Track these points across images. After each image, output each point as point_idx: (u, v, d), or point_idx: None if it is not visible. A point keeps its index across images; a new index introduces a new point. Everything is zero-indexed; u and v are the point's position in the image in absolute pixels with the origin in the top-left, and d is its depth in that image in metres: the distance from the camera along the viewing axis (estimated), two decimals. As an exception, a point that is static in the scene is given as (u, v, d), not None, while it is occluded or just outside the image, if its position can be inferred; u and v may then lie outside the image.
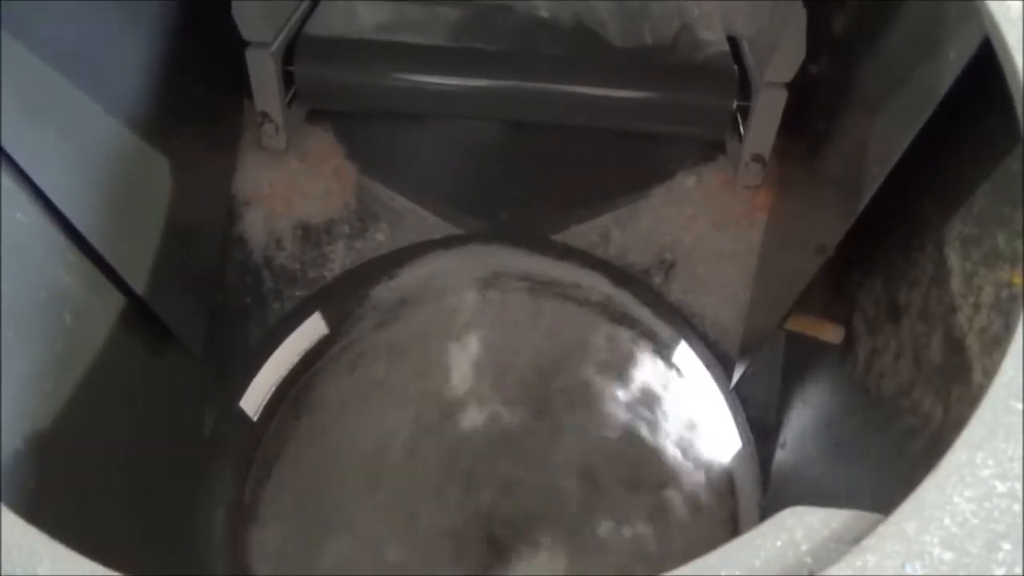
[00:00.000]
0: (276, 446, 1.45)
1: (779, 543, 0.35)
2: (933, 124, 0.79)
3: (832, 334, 1.04)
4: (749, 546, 0.36)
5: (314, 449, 1.45)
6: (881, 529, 0.35)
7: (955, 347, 0.78)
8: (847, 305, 1.04)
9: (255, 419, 1.42)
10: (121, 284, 1.01)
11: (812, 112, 1.14)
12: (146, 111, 1.05)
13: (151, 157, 1.07)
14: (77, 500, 0.91)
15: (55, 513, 0.87)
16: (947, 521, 0.36)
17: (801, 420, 1.20)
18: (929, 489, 0.37)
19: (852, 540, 0.35)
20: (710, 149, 1.39)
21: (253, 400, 1.41)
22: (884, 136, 0.86)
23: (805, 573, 0.34)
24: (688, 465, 1.41)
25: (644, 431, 1.42)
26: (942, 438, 0.78)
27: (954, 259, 0.80)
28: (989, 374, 0.72)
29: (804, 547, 0.35)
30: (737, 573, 0.34)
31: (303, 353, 1.48)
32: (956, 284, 0.79)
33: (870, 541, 0.34)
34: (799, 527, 0.36)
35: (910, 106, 0.80)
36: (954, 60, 0.71)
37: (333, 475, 1.42)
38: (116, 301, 1.02)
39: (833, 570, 0.33)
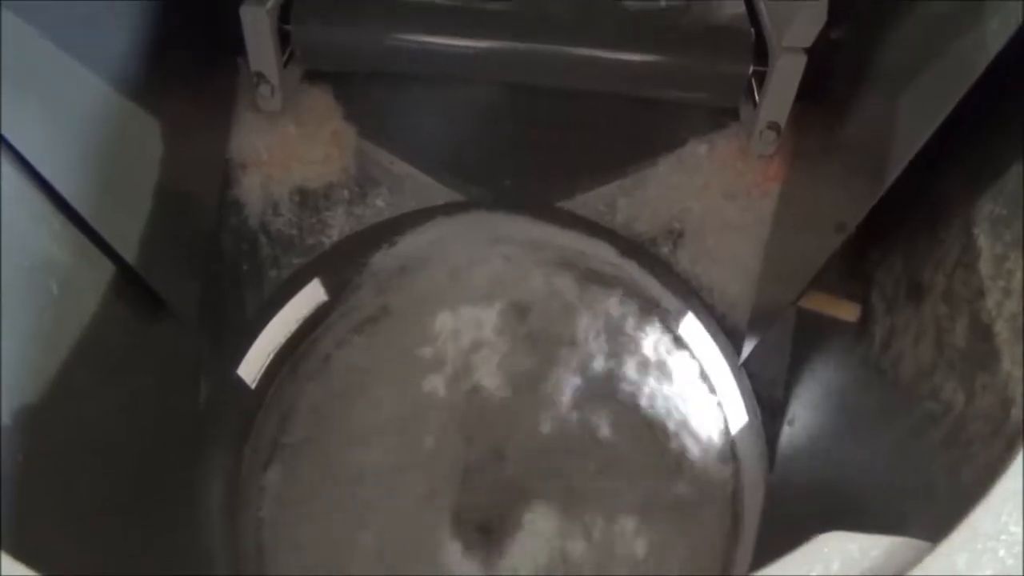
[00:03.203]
0: (275, 415, 1.44)
1: (814, 574, 0.32)
2: (965, 97, 0.75)
3: (848, 312, 1.01)
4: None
5: (314, 417, 1.43)
6: (928, 561, 0.32)
7: (982, 333, 0.74)
8: (864, 283, 1.00)
9: (253, 387, 1.40)
10: (110, 252, 0.97)
11: (833, 80, 1.09)
12: (134, 71, 1.00)
13: (140, 120, 1.02)
14: (68, 475, 0.88)
15: (45, 489, 0.85)
16: (1002, 553, 0.32)
17: (811, 397, 1.17)
18: (981, 517, 0.34)
19: (895, 571, 0.32)
20: (723, 116, 1.34)
21: (251, 368, 1.39)
22: (914, 110, 0.81)
23: (843, 608, 0.31)
24: (691, 439, 1.40)
25: (647, 403, 1.40)
26: (964, 427, 0.75)
27: (983, 240, 0.76)
28: (1019, 364, 0.69)
29: (842, 578, 0.32)
30: (768, 606, 0.31)
31: (301, 321, 1.45)
32: (985, 267, 0.75)
33: (915, 574, 0.31)
34: (836, 556, 0.33)
35: (945, 79, 0.75)
36: (997, 31, 0.66)
37: (333, 443, 1.40)
38: (105, 270, 0.98)
39: (875, 605, 0.30)
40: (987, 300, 0.74)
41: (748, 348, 1.27)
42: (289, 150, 1.33)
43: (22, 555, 0.57)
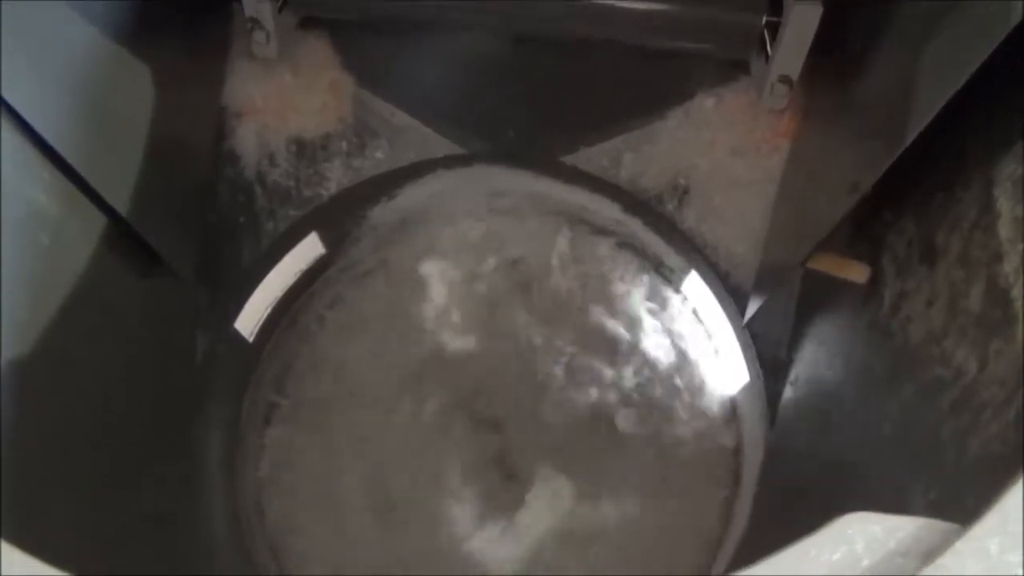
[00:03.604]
0: (274, 368, 1.43)
1: (837, 556, 0.31)
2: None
3: (857, 273, 0.99)
4: (802, 557, 0.31)
5: (313, 372, 1.42)
6: (959, 545, 0.30)
7: (998, 298, 0.72)
8: (875, 244, 0.97)
9: (251, 340, 1.38)
10: (102, 204, 0.94)
11: (850, 33, 1.05)
12: (125, 16, 0.96)
13: (131, 66, 0.99)
14: (61, 430, 0.87)
15: (37, 444, 0.83)
16: (1036, 537, 0.31)
17: (815, 359, 1.16)
18: (1015, 499, 0.32)
19: (922, 555, 0.30)
20: (732, 69, 1.30)
21: (248, 322, 1.37)
22: (937, 67, 0.78)
23: (867, 591, 0.29)
24: (693, 397, 1.39)
25: (649, 361, 1.39)
26: (976, 393, 0.73)
27: (1003, 202, 0.74)
28: (1038, 331, 0.67)
29: (866, 561, 0.31)
30: (789, 590, 0.29)
31: (299, 274, 1.43)
32: (1004, 229, 0.73)
33: (945, 559, 0.29)
34: (860, 537, 0.31)
35: (971, 34, 0.72)
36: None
37: (333, 398, 1.40)
38: (97, 222, 0.96)
39: (902, 591, 0.29)
40: (1005, 264, 0.72)
41: (753, 308, 1.26)
42: (285, 99, 1.30)
43: (16, 514, 0.56)
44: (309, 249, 1.41)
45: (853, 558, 0.31)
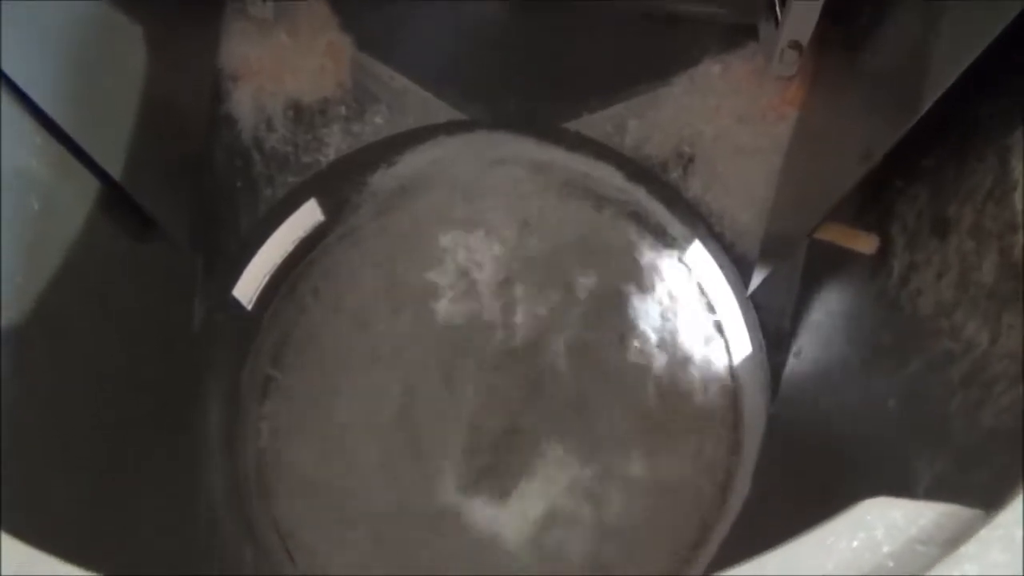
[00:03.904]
0: (274, 336, 1.42)
1: (855, 543, 0.29)
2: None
3: (865, 244, 0.97)
4: (819, 545, 0.30)
5: (313, 340, 1.41)
6: (984, 534, 0.29)
7: (1011, 270, 0.71)
8: (884, 214, 0.96)
9: (249, 308, 1.37)
10: (94, 168, 0.92)
11: (863, -4, 1.02)
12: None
13: (123, 26, 0.96)
14: (54, 399, 0.86)
15: (30, 413, 0.82)
16: (1066, 526, 0.29)
17: (820, 330, 1.15)
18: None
19: (945, 543, 0.29)
20: (739, 35, 1.27)
21: (246, 289, 1.36)
22: (956, 32, 0.75)
23: (885, 579, 0.28)
24: (693, 367, 1.38)
25: (650, 331, 1.37)
26: (987, 367, 0.72)
27: (1020, 171, 0.72)
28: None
29: (886, 548, 0.29)
30: (804, 577, 0.28)
31: (298, 241, 1.41)
32: (1020, 200, 0.71)
33: (969, 548, 0.28)
34: (880, 523, 0.30)
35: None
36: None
37: (333, 369, 1.38)
38: (90, 186, 0.93)
39: (922, 579, 0.27)
40: (1020, 235, 0.70)
41: (757, 279, 1.24)
42: (282, 61, 1.27)
43: (12, 489, 0.54)
44: (308, 216, 1.39)
45: (873, 545, 0.29)
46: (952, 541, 0.29)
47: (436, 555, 1.28)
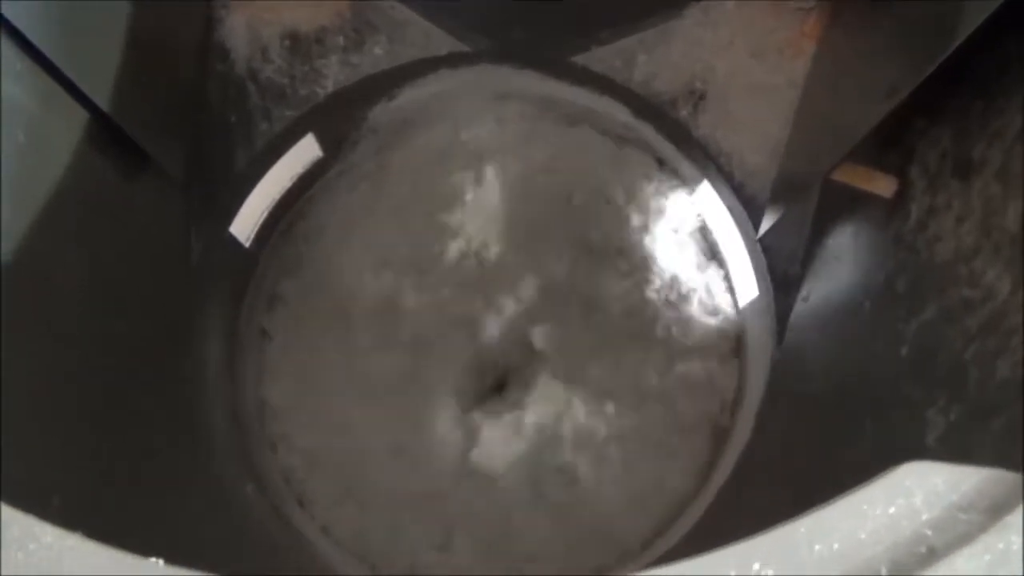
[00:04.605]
0: (272, 274, 1.40)
1: (892, 509, 0.27)
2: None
3: (883, 186, 0.93)
4: (853, 511, 0.28)
5: (312, 277, 1.39)
6: (1034, 501, 0.27)
7: (1039, 216, 0.68)
8: (904, 155, 0.92)
9: (247, 246, 1.34)
10: (83, 99, 0.88)
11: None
12: None
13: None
14: (47, 337, 0.84)
15: (23, 353, 0.80)
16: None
17: (830, 274, 1.12)
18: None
19: (988, 510, 0.27)
20: (757, -38, 1.22)
21: (244, 226, 1.33)
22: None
23: (924, 550, 0.26)
24: (698, 310, 1.36)
25: (654, 269, 1.35)
26: (1006, 315, 0.70)
27: (1053, 112, 0.68)
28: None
29: (924, 516, 0.27)
30: (837, 546, 0.26)
31: (296, 178, 1.38)
32: (1052, 142, 0.68)
33: (1012, 517, 0.26)
34: (918, 489, 0.28)
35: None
36: None
37: (332, 303, 1.37)
38: (79, 118, 0.90)
39: (964, 549, 0.25)
40: (1050, 180, 0.67)
41: (768, 221, 1.21)
42: (277, -12, 1.22)
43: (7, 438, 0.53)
44: (305, 152, 1.35)
45: (911, 512, 0.27)
46: (996, 508, 0.27)
47: (442, 491, 1.28)
